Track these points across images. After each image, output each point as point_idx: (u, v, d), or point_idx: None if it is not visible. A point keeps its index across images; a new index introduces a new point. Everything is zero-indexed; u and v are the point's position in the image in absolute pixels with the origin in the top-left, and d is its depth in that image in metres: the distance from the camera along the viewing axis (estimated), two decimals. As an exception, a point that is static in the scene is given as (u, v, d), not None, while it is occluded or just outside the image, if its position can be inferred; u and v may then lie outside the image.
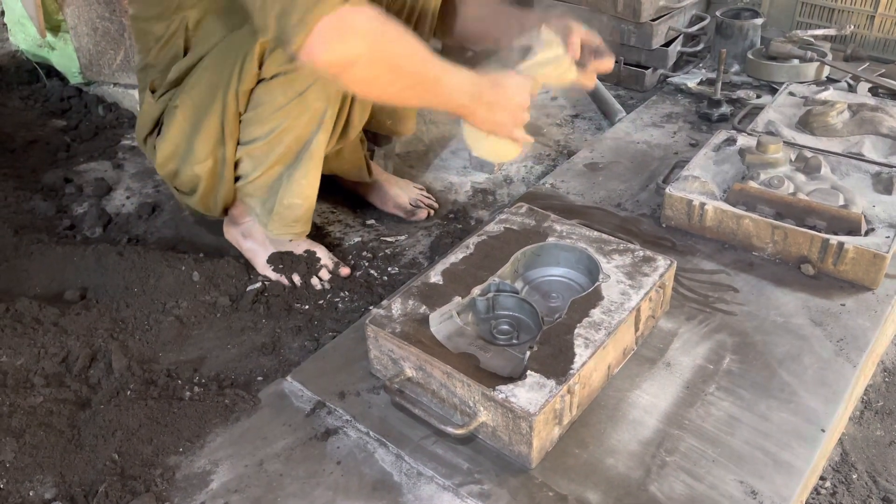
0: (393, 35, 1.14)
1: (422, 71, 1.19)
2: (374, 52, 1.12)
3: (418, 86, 1.21)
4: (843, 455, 1.36)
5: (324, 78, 1.27)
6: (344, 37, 1.08)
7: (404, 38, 1.16)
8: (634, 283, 1.25)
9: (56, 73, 2.41)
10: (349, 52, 1.10)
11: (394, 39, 1.14)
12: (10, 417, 1.17)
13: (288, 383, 1.25)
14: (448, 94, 1.25)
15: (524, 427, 1.03)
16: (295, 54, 1.09)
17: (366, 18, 1.10)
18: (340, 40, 1.08)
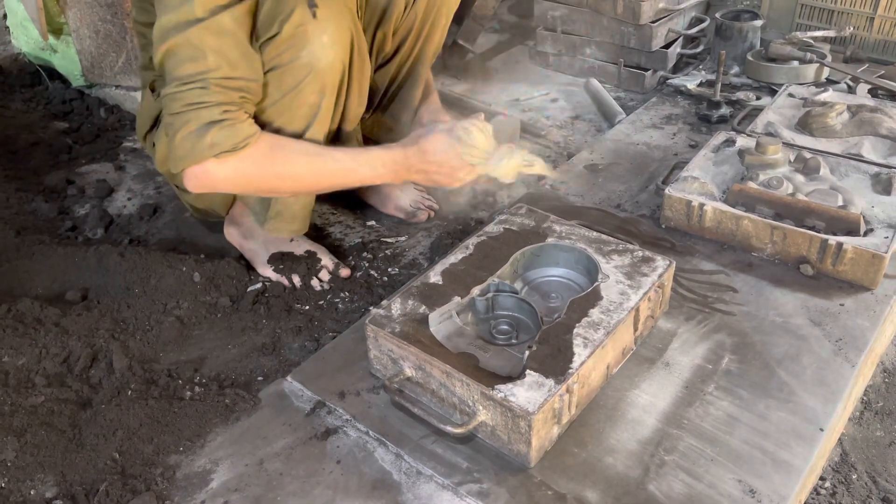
0: (271, 171, 1.28)
1: (326, 184, 1.36)
2: (242, 189, 1.32)
3: (319, 184, 1.38)
4: (843, 455, 1.36)
5: (318, 70, 1.29)
6: (206, 184, 1.25)
7: (291, 168, 1.29)
8: (633, 284, 1.25)
9: (58, 76, 2.42)
10: (214, 191, 1.28)
11: (273, 175, 1.28)
12: (12, 417, 1.17)
13: (288, 383, 1.25)
14: (364, 178, 1.37)
15: (523, 426, 1.03)
16: None
17: (232, 169, 1.22)
18: (203, 187, 1.25)
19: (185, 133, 1.18)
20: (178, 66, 1.17)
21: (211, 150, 1.18)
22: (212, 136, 1.18)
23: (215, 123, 1.18)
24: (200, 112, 1.17)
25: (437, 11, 1.55)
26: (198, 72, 1.16)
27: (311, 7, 1.23)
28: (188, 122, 1.17)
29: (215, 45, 1.16)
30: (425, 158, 1.34)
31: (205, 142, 1.18)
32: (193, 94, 1.17)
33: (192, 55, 1.16)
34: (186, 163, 1.20)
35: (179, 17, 1.15)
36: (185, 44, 1.15)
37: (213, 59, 1.16)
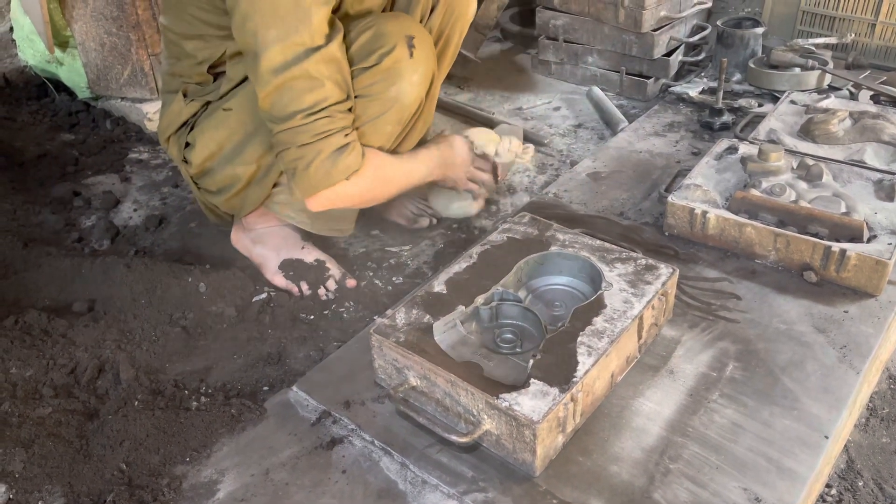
0: (380, 181, 1.40)
1: (405, 185, 1.48)
2: (362, 199, 1.42)
3: (403, 188, 1.49)
4: (849, 462, 1.36)
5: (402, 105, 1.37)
6: (334, 202, 1.36)
7: (390, 175, 1.42)
8: (637, 292, 1.25)
9: (64, 88, 2.44)
10: (338, 206, 1.40)
11: (381, 184, 1.41)
12: (20, 428, 1.18)
13: (293, 393, 1.26)
14: (424, 178, 1.53)
15: (528, 435, 1.04)
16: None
17: (356, 186, 1.34)
18: (330, 205, 1.37)
19: (320, 161, 1.26)
20: (297, 99, 1.21)
21: (345, 172, 1.28)
22: (345, 161, 1.28)
23: (345, 148, 1.27)
24: (331, 139, 1.25)
25: (452, 27, 1.57)
26: (318, 101, 1.22)
27: (409, 47, 1.30)
28: (321, 150, 1.25)
29: (330, 72, 1.22)
30: (447, 154, 1.54)
31: (339, 167, 1.27)
32: (321, 124, 1.24)
33: (311, 86, 1.21)
34: (321, 188, 1.29)
35: (289, 53, 1.18)
36: (303, 76, 1.20)
37: (329, 87, 1.23)
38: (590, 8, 2.41)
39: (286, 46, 1.17)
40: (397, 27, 1.31)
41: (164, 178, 2.06)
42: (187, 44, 1.40)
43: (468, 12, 1.59)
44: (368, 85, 1.31)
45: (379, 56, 1.29)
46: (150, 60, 2.17)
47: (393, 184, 1.44)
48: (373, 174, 1.35)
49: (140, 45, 2.14)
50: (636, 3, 2.28)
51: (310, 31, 1.18)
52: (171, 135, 1.50)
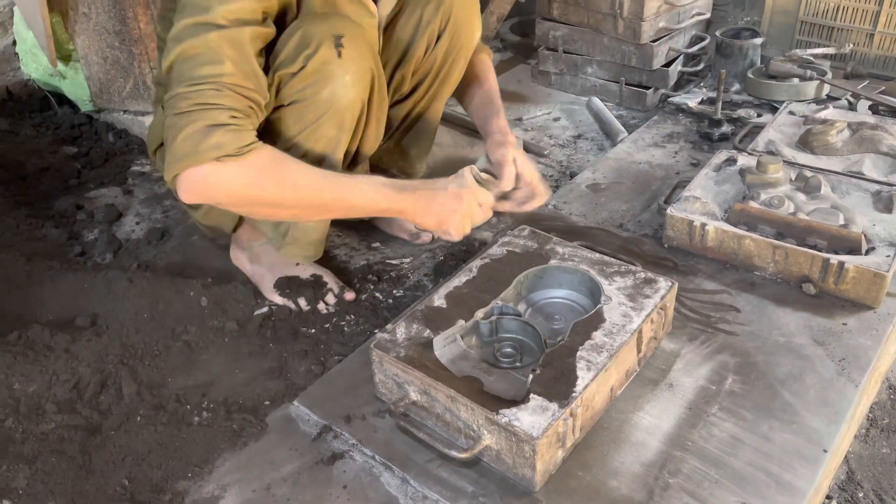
0: (275, 182, 1.19)
1: (319, 192, 1.23)
2: (238, 200, 1.21)
3: (320, 200, 1.25)
4: (849, 473, 1.36)
5: (338, 108, 1.30)
6: (202, 190, 1.17)
7: (295, 180, 1.21)
8: (636, 305, 1.26)
9: (67, 102, 2.46)
10: (208, 200, 1.21)
11: (275, 186, 1.19)
12: (23, 444, 1.19)
13: (295, 407, 1.26)
14: (362, 209, 1.30)
15: (527, 450, 1.04)
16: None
17: (233, 174, 1.15)
18: (198, 193, 1.18)
19: (190, 131, 1.13)
20: (193, 69, 1.14)
21: (214, 151, 1.12)
22: (217, 137, 1.13)
23: (223, 126, 1.14)
24: (210, 112, 1.13)
25: (457, 54, 1.58)
26: (213, 74, 1.14)
27: (336, 47, 1.26)
28: (195, 121, 1.13)
29: (232, 54, 1.15)
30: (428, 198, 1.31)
31: (209, 142, 1.12)
32: (206, 95, 1.14)
33: (210, 59, 1.14)
34: (185, 164, 1.13)
35: (198, 21, 1.14)
36: (203, 47, 1.14)
37: (229, 66, 1.15)
38: (589, 19, 2.42)
39: (196, 22, 1.13)
40: (325, 27, 1.26)
41: (166, 190, 2.07)
42: None
43: (473, 39, 1.59)
44: (300, 90, 1.27)
45: (305, 58, 1.24)
46: (151, 74, 2.19)
47: (297, 192, 1.21)
48: (262, 168, 1.17)
49: (142, 58, 2.15)
50: (635, 14, 2.30)
51: (224, 13, 1.14)
52: (157, 148, 1.50)
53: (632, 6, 2.29)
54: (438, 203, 1.30)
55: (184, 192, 1.18)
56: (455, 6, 1.53)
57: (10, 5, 2.52)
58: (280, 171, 1.20)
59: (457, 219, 1.31)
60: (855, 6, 2.38)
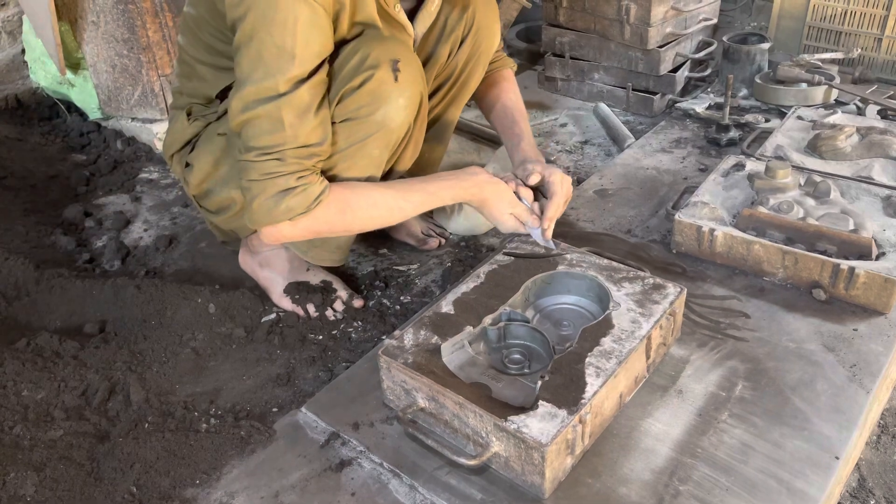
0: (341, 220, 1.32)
1: (393, 217, 1.39)
2: (318, 235, 1.36)
3: (392, 221, 1.41)
4: (861, 481, 1.35)
5: (388, 129, 1.35)
6: (281, 239, 1.33)
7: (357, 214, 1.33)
8: (645, 311, 1.25)
9: (76, 109, 2.47)
10: (294, 240, 1.39)
11: (344, 222, 1.33)
12: (31, 451, 1.19)
13: (303, 414, 1.26)
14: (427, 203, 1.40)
15: (536, 457, 1.04)
16: None
17: (306, 226, 1.29)
18: (278, 240, 1.33)
19: (263, 199, 1.25)
20: (257, 137, 1.22)
21: (286, 214, 1.25)
22: (287, 203, 1.24)
23: (290, 190, 1.24)
24: (277, 181, 1.24)
25: (477, 60, 1.59)
26: (275, 144, 1.22)
27: (394, 70, 1.30)
28: (265, 189, 1.24)
29: (293, 119, 1.22)
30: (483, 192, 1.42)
31: (280, 208, 1.24)
32: (270, 165, 1.23)
33: (271, 128, 1.21)
34: (263, 224, 1.28)
35: (261, 93, 1.20)
36: (266, 117, 1.21)
37: (290, 132, 1.22)
38: (596, 25, 2.42)
39: (261, 87, 1.19)
40: (383, 51, 1.30)
41: (174, 197, 2.07)
42: (199, 67, 1.41)
43: (493, 45, 1.61)
44: (355, 108, 1.31)
45: (363, 79, 1.29)
46: (160, 81, 2.19)
47: (366, 222, 1.37)
48: (331, 218, 1.31)
49: (150, 66, 2.16)
50: (642, 19, 2.29)
51: (286, 77, 1.19)
52: (175, 153, 1.52)
53: (638, 12, 2.29)
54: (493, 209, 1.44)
55: (268, 239, 1.33)
56: (478, 13, 1.55)
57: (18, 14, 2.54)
58: (349, 214, 1.32)
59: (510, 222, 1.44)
60: (863, 11, 2.37)
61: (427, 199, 1.38)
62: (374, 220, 1.37)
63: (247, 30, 1.18)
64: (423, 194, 1.38)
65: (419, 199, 1.37)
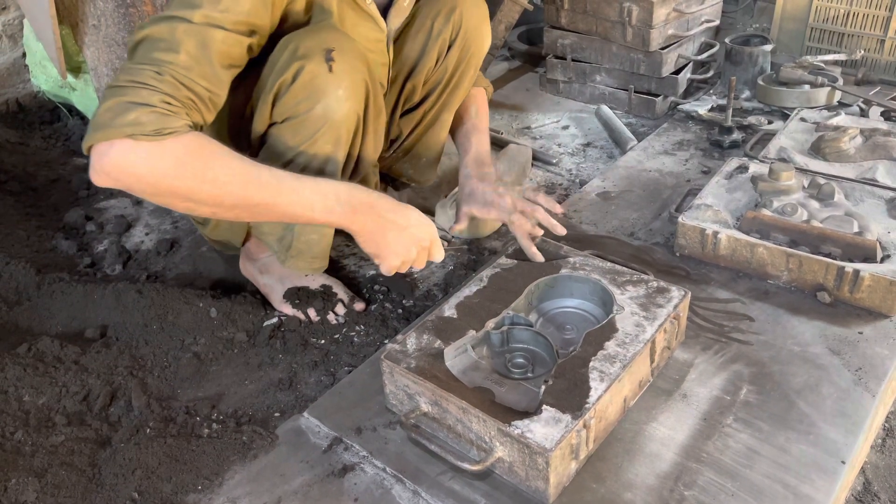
0: (190, 171, 1.08)
1: (245, 187, 1.12)
2: (150, 189, 1.09)
3: (238, 211, 1.16)
4: (866, 484, 1.34)
5: (333, 122, 1.28)
6: (109, 170, 1.06)
7: (215, 172, 1.10)
8: (649, 315, 1.25)
9: (77, 113, 2.47)
10: (117, 183, 1.08)
11: (188, 175, 1.08)
12: (33, 457, 1.18)
13: (305, 419, 1.26)
14: (299, 218, 1.20)
15: (540, 463, 1.03)
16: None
17: (144, 157, 1.05)
18: (106, 172, 1.06)
19: (113, 103, 1.04)
20: (148, 52, 1.09)
21: (130, 127, 1.03)
22: (137, 114, 1.03)
23: (148, 106, 1.05)
24: (141, 91, 1.05)
25: (467, 63, 1.58)
26: (163, 60, 1.08)
27: (327, 61, 1.24)
28: (123, 95, 1.05)
29: (192, 49, 1.10)
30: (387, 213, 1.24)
31: (127, 117, 1.03)
32: (145, 75, 1.06)
33: (167, 46, 1.09)
34: (98, 136, 1.04)
35: (176, 13, 1.10)
36: (167, 34, 1.09)
37: (184, 57, 1.09)
38: (597, 27, 2.42)
39: (173, 14, 1.10)
40: (315, 41, 1.23)
41: (175, 201, 2.07)
42: None
43: (484, 48, 1.59)
44: (293, 105, 1.25)
45: (294, 72, 1.22)
46: (161, 85, 2.19)
47: (222, 188, 1.11)
48: (180, 158, 1.07)
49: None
50: (644, 21, 2.29)
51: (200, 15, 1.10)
52: None
53: (640, 14, 2.28)
54: (386, 239, 1.25)
55: (94, 169, 1.07)
56: (465, 16, 1.53)
57: (19, 17, 2.53)
58: (201, 163, 1.09)
59: (395, 261, 1.28)
60: (865, 12, 2.36)
61: (290, 199, 1.15)
62: (223, 186, 1.11)
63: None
64: (287, 190, 1.15)
65: (279, 195, 1.14)
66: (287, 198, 1.15)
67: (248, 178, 1.12)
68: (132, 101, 1.04)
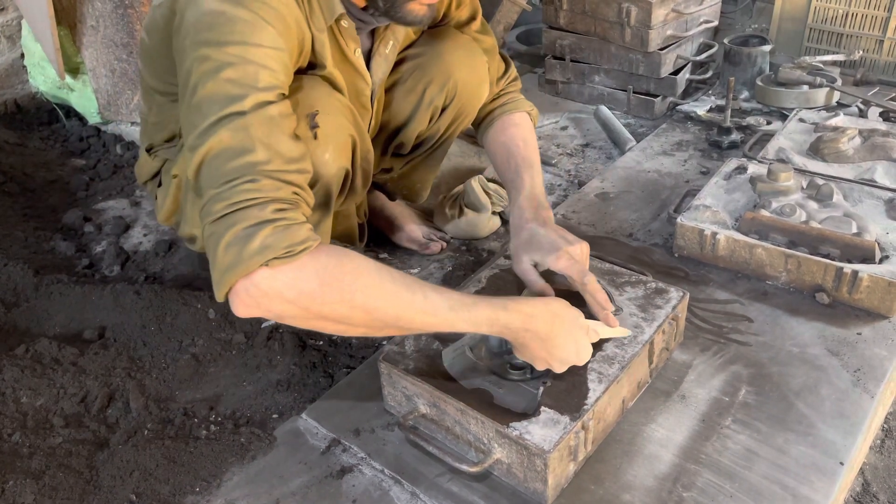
0: (336, 294, 0.97)
1: (394, 321, 1.02)
2: (302, 313, 0.98)
3: (392, 331, 1.07)
4: (865, 485, 1.34)
5: (322, 183, 1.24)
6: (258, 303, 0.96)
7: (354, 297, 0.98)
8: (647, 316, 1.25)
9: (75, 114, 2.46)
10: (270, 314, 0.98)
11: (337, 299, 0.97)
12: (30, 459, 1.18)
13: (303, 420, 1.25)
14: (457, 328, 1.06)
15: (539, 464, 1.03)
16: None
17: (288, 281, 0.95)
18: (255, 306, 0.97)
19: (230, 238, 0.95)
20: (222, 166, 0.98)
21: (261, 254, 0.93)
22: (262, 238, 0.94)
23: (268, 223, 0.95)
24: (249, 211, 0.95)
25: (461, 121, 1.52)
26: (243, 165, 0.97)
27: (312, 128, 1.19)
28: (234, 224, 0.95)
29: (264, 135, 0.99)
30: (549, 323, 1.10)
31: (253, 245, 0.94)
32: (240, 192, 0.96)
33: (240, 148, 0.98)
34: (232, 277, 0.94)
35: (221, 113, 0.99)
36: (229, 138, 0.98)
37: (262, 152, 0.98)
38: (596, 27, 2.42)
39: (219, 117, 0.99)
40: (300, 106, 1.16)
41: (173, 202, 2.07)
42: (156, 96, 1.33)
43: (478, 104, 1.51)
44: None
45: None
46: (159, 86, 2.19)
47: (370, 309, 0.99)
48: (323, 274, 0.96)
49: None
50: (642, 22, 2.29)
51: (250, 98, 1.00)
52: (146, 181, 1.49)
53: (639, 14, 2.28)
54: (553, 348, 1.11)
55: (241, 308, 0.98)
56: (460, 86, 1.45)
57: (18, 18, 2.53)
58: (346, 285, 0.98)
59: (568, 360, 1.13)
60: (864, 12, 2.36)
61: (443, 325, 1.04)
62: (373, 312, 1.00)
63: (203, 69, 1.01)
64: (442, 317, 1.03)
65: (435, 319, 1.03)
66: (438, 327, 1.05)
67: (399, 300, 1.01)
68: (246, 226, 0.95)
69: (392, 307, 1.00)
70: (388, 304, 1.00)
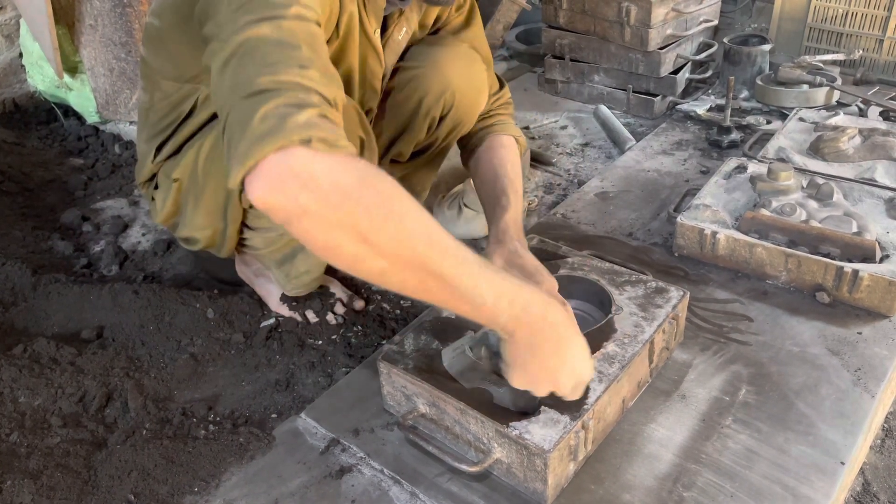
0: (373, 199, 0.83)
1: (421, 257, 0.85)
2: (331, 213, 0.82)
3: (411, 274, 0.86)
4: (865, 485, 1.34)
5: None
6: (287, 185, 0.82)
7: (392, 206, 0.84)
8: (647, 315, 1.24)
9: (73, 113, 2.46)
10: (294, 203, 0.81)
11: (373, 205, 0.82)
12: (28, 459, 1.18)
13: (302, 420, 1.25)
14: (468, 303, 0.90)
15: (539, 464, 1.02)
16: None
17: (327, 169, 0.82)
18: (282, 190, 0.82)
19: (272, 109, 0.83)
20: (266, 52, 0.87)
21: (305, 131, 0.82)
22: (308, 116, 0.83)
23: (314, 107, 0.85)
24: (295, 93, 0.85)
25: (459, 130, 1.50)
26: (291, 56, 0.87)
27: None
28: (278, 96, 0.84)
29: (308, 40, 0.89)
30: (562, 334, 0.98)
31: (298, 118, 0.83)
32: (290, 73, 0.86)
33: (285, 42, 0.88)
34: (267, 146, 0.81)
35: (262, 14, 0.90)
36: (271, 31, 0.88)
37: (307, 52, 0.88)
38: (596, 27, 2.41)
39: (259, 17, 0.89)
40: None
41: (172, 201, 2.06)
42: (163, 81, 1.30)
43: (476, 113, 1.49)
44: None
45: None
46: (158, 85, 2.18)
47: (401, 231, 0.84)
48: (365, 179, 0.84)
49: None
50: (642, 21, 2.28)
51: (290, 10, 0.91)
52: (143, 182, 1.46)
53: (639, 14, 2.28)
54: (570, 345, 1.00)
55: (262, 188, 0.83)
56: (458, 96, 1.42)
57: (16, 17, 2.53)
58: (385, 191, 0.85)
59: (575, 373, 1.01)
60: (864, 12, 2.36)
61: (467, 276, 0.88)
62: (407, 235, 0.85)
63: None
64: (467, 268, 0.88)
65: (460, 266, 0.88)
66: (463, 280, 0.88)
67: (432, 235, 0.86)
68: (291, 102, 0.84)
69: (426, 235, 0.86)
70: (423, 230, 0.86)
